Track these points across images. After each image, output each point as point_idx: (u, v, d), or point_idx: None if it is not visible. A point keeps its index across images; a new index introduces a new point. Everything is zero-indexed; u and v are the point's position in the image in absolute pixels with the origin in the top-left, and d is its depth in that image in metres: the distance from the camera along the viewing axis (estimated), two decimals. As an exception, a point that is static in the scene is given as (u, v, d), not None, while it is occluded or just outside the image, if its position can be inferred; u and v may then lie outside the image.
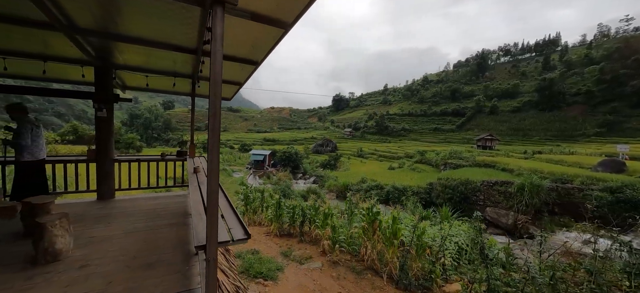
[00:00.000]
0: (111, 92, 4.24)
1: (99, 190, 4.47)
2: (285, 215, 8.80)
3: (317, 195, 22.77)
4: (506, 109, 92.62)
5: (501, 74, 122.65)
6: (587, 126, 71.17)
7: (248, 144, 64.31)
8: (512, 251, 7.28)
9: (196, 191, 2.61)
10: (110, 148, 4.43)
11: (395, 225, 5.87)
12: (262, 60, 3.66)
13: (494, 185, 19.36)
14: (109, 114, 4.24)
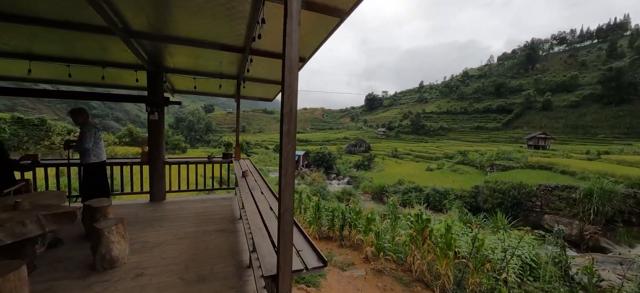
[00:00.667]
0: (162, 95, 4.35)
1: (151, 191, 4.67)
2: (324, 217, 8.56)
3: (353, 197, 22.29)
4: (562, 104, 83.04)
5: (555, 65, 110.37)
6: (668, 122, 60.95)
7: (282, 145, 65.87)
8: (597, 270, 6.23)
9: (250, 200, 2.45)
10: (161, 150, 4.60)
11: (449, 235, 5.28)
12: (309, 56, 3.42)
13: (553, 190, 17.23)
14: (161, 117, 4.37)
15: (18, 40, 3.18)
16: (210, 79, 4.62)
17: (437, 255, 5.61)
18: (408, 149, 68.57)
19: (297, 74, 1.04)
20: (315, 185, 26.40)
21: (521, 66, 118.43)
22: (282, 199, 1.09)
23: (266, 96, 5.78)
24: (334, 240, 8.29)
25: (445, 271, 5.55)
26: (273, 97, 5.56)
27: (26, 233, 1.89)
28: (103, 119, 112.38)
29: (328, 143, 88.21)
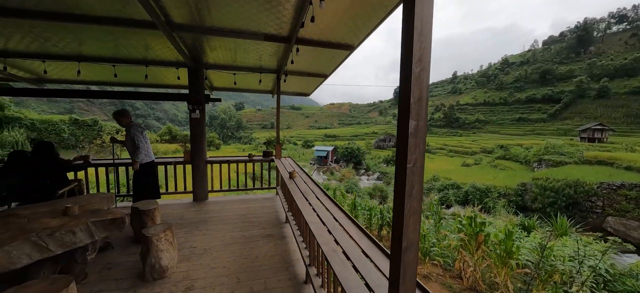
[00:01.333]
0: (203, 92, 4.26)
1: (194, 191, 4.66)
2: (361, 216, 8.20)
3: (384, 194, 21.59)
4: (622, 91, 73.63)
5: (614, 47, 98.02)
6: None
7: (310, 141, 66.16)
8: None
9: (308, 208, 2.16)
10: (203, 148, 4.56)
11: (510, 242, 4.65)
12: (358, 43, 3.06)
13: (619, 188, 15.17)
14: (202, 114, 4.30)
15: (67, 41, 3.20)
16: (249, 74, 4.43)
17: (495, 263, 4.99)
18: (441, 144, 65.36)
19: (430, 40, 0.69)
20: (346, 180, 26.02)
21: (571, 50, 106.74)
22: (405, 233, 0.74)
23: (304, 90, 5.49)
24: (371, 240, 7.91)
25: (504, 281, 4.93)
26: (311, 91, 5.27)
27: (76, 242, 1.80)
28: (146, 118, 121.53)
29: (356, 138, 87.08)
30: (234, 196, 4.97)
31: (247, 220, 3.84)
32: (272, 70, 4.38)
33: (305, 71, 4.31)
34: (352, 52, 3.23)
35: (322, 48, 3.15)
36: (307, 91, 5.45)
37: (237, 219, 3.86)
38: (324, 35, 2.95)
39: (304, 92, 5.67)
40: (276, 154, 4.98)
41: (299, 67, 4.14)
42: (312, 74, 4.38)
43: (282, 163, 4.38)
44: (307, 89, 5.35)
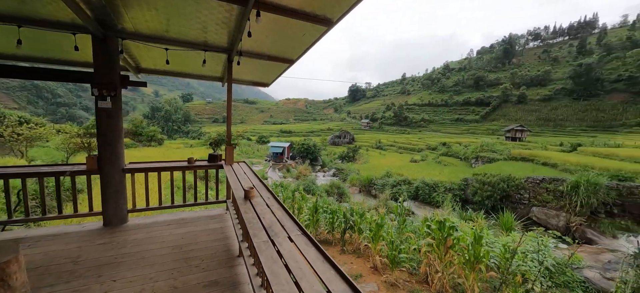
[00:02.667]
0: (117, 72, 3.07)
1: (105, 212, 3.35)
2: (322, 219, 7.63)
3: (343, 192, 21.56)
4: (535, 98, 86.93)
5: (530, 60, 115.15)
6: (628, 116, 65.36)
7: (265, 136, 63.98)
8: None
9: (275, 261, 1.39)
10: (118, 152, 3.32)
11: (479, 246, 4.50)
12: (340, 17, 2.37)
13: (541, 182, 17.36)
14: (116, 104, 3.08)
15: None
16: (190, 52, 3.37)
17: (464, 268, 4.84)
18: (391, 141, 69.11)
19: None
20: (303, 178, 25.42)
21: (499, 60, 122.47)
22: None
23: (263, 79, 4.52)
24: (333, 244, 7.39)
25: (471, 285, 4.81)
26: (271, 81, 4.36)
27: None
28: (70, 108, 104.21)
29: (312, 134, 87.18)
30: (167, 215, 3.76)
31: (184, 255, 2.80)
32: (222, 48, 3.38)
33: (266, 52, 3.42)
34: (330, 28, 2.52)
35: (292, 19, 2.37)
36: (266, 81, 4.53)
37: (168, 255, 2.80)
38: (296, 1, 2.19)
39: (262, 82, 4.70)
40: (226, 159, 3.93)
41: (258, 47, 3.26)
42: (274, 58, 3.50)
43: (234, 172, 3.38)
44: (267, 78, 4.42)
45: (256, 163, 31.86)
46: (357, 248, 6.98)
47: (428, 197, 20.96)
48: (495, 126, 80.00)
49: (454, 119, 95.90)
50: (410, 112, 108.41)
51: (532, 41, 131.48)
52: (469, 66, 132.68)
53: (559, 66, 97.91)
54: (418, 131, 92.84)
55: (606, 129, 63.40)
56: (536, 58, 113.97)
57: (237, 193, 2.41)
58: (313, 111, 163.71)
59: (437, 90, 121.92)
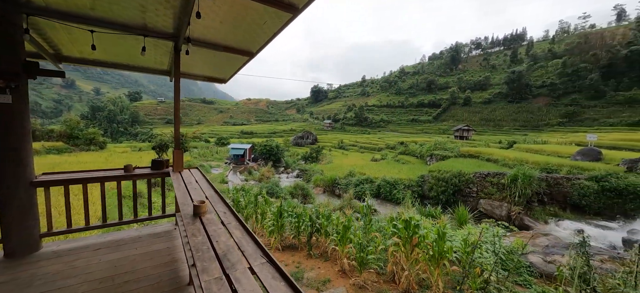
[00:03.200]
0: (21, 58, 2.37)
1: (6, 239, 2.57)
2: (287, 223, 7.30)
3: (308, 193, 21.32)
4: (478, 101, 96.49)
5: (473, 67, 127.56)
6: (551, 117, 75.92)
7: (225, 138, 61.01)
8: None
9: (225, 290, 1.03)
10: (25, 160, 2.60)
11: (443, 242, 4.60)
12: (304, 6, 2.10)
13: (486, 177, 19.09)
14: (20, 99, 2.36)
15: None
16: (127, 37, 2.78)
17: (428, 264, 4.92)
18: (353, 141, 70.96)
19: None
20: (266, 181, 24.63)
21: (447, 66, 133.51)
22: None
23: (219, 73, 3.95)
24: (300, 249, 7.11)
25: (436, 281, 4.91)
26: (229, 77, 3.86)
27: None
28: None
29: (274, 135, 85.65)
30: (97, 238, 3.04)
31: (115, 289, 2.24)
32: (166, 33, 2.84)
33: (221, 42, 2.96)
34: (295, 16, 2.20)
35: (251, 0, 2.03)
36: (223, 76, 4.01)
37: (94, 292, 2.18)
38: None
39: (218, 78, 4.15)
40: (174, 165, 3.31)
41: (212, 35, 2.81)
42: (232, 49, 3.04)
43: (183, 181, 2.80)
44: (223, 73, 3.90)
45: (215, 166, 30.10)
46: (324, 252, 6.78)
47: (389, 194, 21.74)
48: (445, 126, 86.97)
49: (410, 120, 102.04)
50: (370, 113, 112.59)
51: (474, 49, 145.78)
52: (422, 70, 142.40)
53: (497, 72, 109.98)
54: (378, 131, 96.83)
55: (534, 128, 72.79)
56: (478, 65, 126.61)
57: (185, 209, 1.96)
58: (275, 112, 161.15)
59: (394, 92, 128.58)
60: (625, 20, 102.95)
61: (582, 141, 35.86)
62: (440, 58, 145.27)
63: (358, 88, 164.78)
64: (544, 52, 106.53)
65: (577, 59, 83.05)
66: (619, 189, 16.07)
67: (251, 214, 8.50)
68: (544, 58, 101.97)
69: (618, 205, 16.08)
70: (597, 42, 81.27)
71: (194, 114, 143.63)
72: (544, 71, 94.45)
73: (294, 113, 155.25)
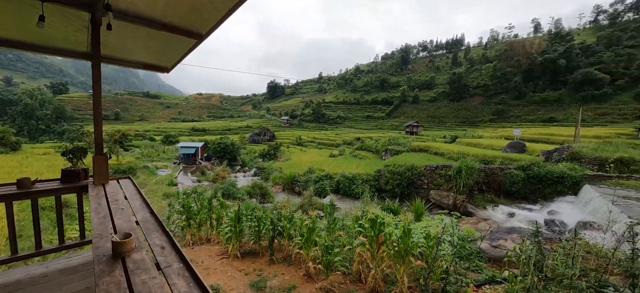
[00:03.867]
0: None
1: None
2: (247, 229, 6.75)
3: (264, 191, 20.57)
4: (425, 99, 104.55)
5: (421, 67, 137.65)
6: (484, 114, 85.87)
7: (173, 136, 56.00)
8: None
9: None
10: None
11: (408, 239, 4.59)
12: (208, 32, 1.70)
13: (436, 169, 20.56)
14: None
15: None
16: (13, 2, 1.98)
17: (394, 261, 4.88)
18: (311, 137, 71.21)
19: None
20: (221, 181, 23.12)
21: (398, 66, 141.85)
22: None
23: (159, 60, 3.08)
24: (261, 255, 6.63)
25: (401, 278, 4.90)
26: (174, 64, 3.18)
27: None
28: None
29: (229, 132, 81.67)
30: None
31: None
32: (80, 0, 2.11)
33: (159, 17, 2.25)
34: (201, 41, 1.75)
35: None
36: (165, 64, 3.25)
37: None
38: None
39: (158, 65, 3.33)
40: (95, 177, 2.49)
41: (146, 6, 2.13)
42: (175, 28, 2.35)
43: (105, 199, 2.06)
44: (165, 60, 3.15)
45: (162, 168, 27.35)
46: (287, 256, 6.41)
47: (348, 190, 22.13)
48: (397, 122, 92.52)
49: (365, 116, 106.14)
50: (327, 109, 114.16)
51: (422, 51, 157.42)
52: (375, 69, 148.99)
53: (441, 73, 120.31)
54: (335, 127, 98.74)
55: (471, 124, 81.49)
56: (425, 66, 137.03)
57: (100, 245, 1.35)
58: (229, 108, 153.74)
59: (350, 90, 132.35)
60: (540, 32, 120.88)
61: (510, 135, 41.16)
62: (392, 58, 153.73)
63: (315, 85, 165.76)
64: (479, 56, 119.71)
65: (504, 64, 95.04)
66: (539, 176, 18.48)
67: (205, 220, 7.71)
68: (479, 62, 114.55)
69: (539, 189, 18.53)
70: (519, 50, 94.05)
71: (136, 109, 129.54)
72: (479, 73, 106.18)
73: (250, 109, 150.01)
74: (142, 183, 19.20)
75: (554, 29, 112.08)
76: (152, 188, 17.53)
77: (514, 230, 8.31)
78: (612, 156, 19.43)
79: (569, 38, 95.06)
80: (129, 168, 21.99)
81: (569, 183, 17.53)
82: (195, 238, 7.56)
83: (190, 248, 7.33)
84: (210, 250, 7.21)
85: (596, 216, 13.21)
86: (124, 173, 21.42)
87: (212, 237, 7.71)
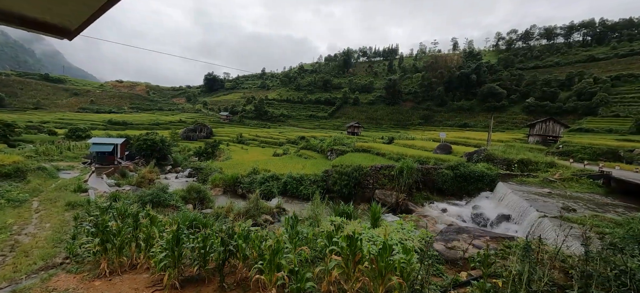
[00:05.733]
0: None
1: None
2: (188, 251, 5.48)
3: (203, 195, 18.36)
4: (365, 102, 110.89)
5: (361, 71, 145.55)
6: (414, 118, 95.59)
7: (82, 129, 46.31)
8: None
9: None
10: None
11: (388, 255, 4.16)
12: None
13: (380, 170, 21.45)
14: None
15: None
16: None
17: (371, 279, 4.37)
18: (253, 135, 68.21)
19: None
20: (148, 185, 19.75)
21: (340, 68, 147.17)
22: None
23: (53, 14, 1.80)
24: (208, 282, 5.44)
25: (378, 296, 4.44)
26: (79, 26, 1.88)
27: None
28: None
29: (158, 126, 72.42)
30: None
31: None
32: None
33: None
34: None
35: None
36: (64, 21, 1.91)
37: None
38: None
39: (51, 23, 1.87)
40: None
41: None
42: None
43: None
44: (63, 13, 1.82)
45: (66, 169, 22.11)
46: (241, 281, 5.37)
47: (296, 191, 21.44)
48: (339, 123, 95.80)
49: (308, 115, 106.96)
50: (270, 107, 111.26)
51: (362, 56, 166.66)
52: (319, 70, 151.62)
53: (378, 78, 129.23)
54: (278, 125, 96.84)
55: (403, 126, 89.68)
56: (364, 71, 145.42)
57: None
58: (158, 99, 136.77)
59: (294, 88, 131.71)
60: (457, 50, 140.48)
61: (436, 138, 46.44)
62: (335, 60, 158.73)
63: (258, 80, 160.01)
64: (410, 66, 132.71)
65: (430, 74, 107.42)
66: (464, 175, 20.81)
67: (129, 241, 6.04)
68: (410, 71, 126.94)
69: (464, 187, 20.89)
70: (441, 64, 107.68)
71: (29, 94, 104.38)
72: (410, 81, 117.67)
73: (184, 102, 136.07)
74: (35, 190, 14.99)
75: (468, 49, 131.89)
76: (49, 196, 13.76)
77: (462, 230, 8.81)
78: (516, 158, 23.27)
79: (479, 57, 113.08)
80: (16, 170, 16.97)
81: (487, 181, 20.25)
82: (113, 265, 5.85)
83: (107, 280, 5.63)
84: (136, 279, 5.67)
85: (511, 210, 15.46)
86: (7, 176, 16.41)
87: (138, 261, 6.10)
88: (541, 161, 22.61)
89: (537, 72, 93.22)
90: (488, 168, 21.08)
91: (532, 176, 20.50)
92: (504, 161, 23.31)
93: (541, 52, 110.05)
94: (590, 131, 47.84)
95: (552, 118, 43.57)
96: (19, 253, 7.38)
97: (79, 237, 7.73)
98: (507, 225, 14.36)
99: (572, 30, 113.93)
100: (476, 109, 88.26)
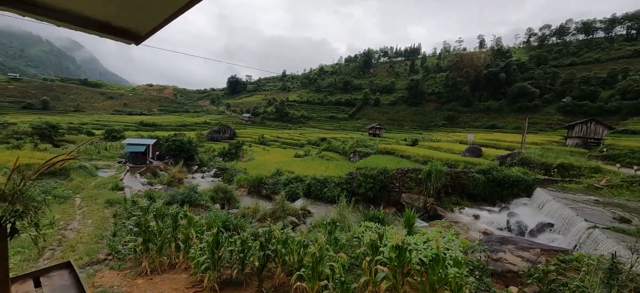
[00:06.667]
0: None
1: None
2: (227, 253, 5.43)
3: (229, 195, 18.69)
4: (386, 103, 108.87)
5: (382, 72, 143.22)
6: (438, 119, 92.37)
7: (118, 130, 49.29)
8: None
9: None
10: None
11: (441, 267, 3.83)
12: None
13: (407, 173, 20.77)
14: None
15: None
16: None
17: (421, 294, 4.06)
18: (275, 136, 69.04)
19: None
20: (178, 184, 20.49)
21: (361, 69, 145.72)
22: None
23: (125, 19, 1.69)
24: (246, 286, 5.37)
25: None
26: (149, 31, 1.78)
27: None
28: None
29: (184, 128, 75.33)
30: None
31: None
32: None
33: None
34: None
35: None
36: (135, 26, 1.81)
37: None
38: None
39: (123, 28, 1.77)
40: None
41: None
42: None
43: None
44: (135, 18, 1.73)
45: (104, 168, 23.47)
46: (280, 286, 5.26)
47: (320, 193, 21.29)
48: (360, 124, 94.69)
49: (328, 117, 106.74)
50: (291, 108, 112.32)
51: (382, 56, 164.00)
52: (339, 71, 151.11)
53: (400, 79, 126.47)
54: (298, 126, 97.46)
55: (426, 128, 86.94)
56: (385, 71, 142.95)
57: None
58: (185, 102, 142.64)
59: (314, 89, 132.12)
60: (484, 48, 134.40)
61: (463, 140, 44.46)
62: (355, 61, 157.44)
63: (278, 82, 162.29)
64: (434, 65, 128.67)
65: (455, 74, 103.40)
66: (498, 179, 19.66)
67: (169, 241, 6.14)
68: (433, 70, 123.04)
69: (497, 192, 19.74)
70: (467, 62, 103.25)
71: (70, 98, 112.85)
72: (434, 81, 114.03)
73: (208, 104, 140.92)
74: (77, 187, 15.96)
75: (496, 46, 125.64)
76: (91, 193, 14.58)
77: (506, 240, 8.21)
78: (555, 162, 21.65)
79: (508, 55, 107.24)
80: (61, 168, 18.25)
81: (523, 186, 18.98)
82: (154, 264, 5.95)
83: (149, 278, 5.73)
84: (175, 279, 5.71)
85: (553, 218, 14.32)
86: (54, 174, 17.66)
87: (177, 262, 6.17)
88: (584, 166, 20.90)
89: (575, 69, 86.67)
90: (524, 173, 19.79)
91: (575, 182, 18.96)
92: (542, 166, 21.78)
93: (578, 48, 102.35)
94: (637, 133, 43.69)
95: (594, 118, 40.30)
96: (66, 248, 7.78)
97: (119, 234, 8.01)
98: (550, 234, 13.31)
99: (614, 23, 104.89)
100: (505, 110, 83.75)
